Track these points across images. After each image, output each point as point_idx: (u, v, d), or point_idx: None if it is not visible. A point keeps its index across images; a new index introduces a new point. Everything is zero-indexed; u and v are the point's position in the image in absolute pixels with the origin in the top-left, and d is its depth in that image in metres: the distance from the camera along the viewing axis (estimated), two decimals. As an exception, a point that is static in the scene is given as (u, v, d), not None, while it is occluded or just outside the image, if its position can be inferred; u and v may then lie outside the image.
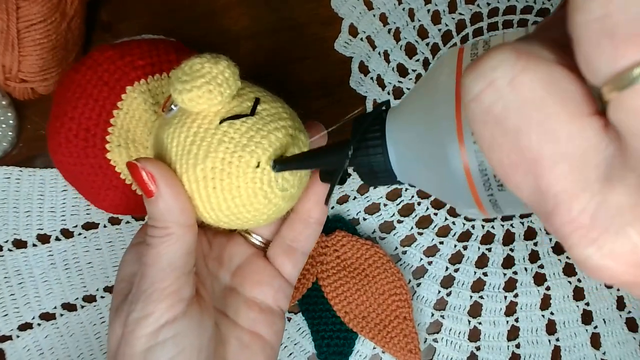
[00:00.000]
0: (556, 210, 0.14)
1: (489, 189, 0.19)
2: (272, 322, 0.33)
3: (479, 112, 0.14)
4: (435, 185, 0.22)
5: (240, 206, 0.28)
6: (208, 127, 0.27)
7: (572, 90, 0.14)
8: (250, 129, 0.27)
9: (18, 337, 0.41)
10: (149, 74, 0.35)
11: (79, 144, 0.35)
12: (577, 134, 0.13)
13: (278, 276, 0.33)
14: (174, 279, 0.28)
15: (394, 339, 0.40)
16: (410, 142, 0.22)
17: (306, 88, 0.43)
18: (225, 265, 0.34)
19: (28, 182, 0.42)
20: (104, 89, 0.34)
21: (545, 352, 0.40)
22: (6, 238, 0.42)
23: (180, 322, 0.28)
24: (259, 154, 0.27)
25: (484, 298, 0.41)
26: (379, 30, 0.43)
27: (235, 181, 0.27)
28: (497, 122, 0.14)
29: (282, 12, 0.44)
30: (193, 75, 0.27)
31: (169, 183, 0.27)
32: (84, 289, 0.42)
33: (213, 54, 0.28)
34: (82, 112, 0.34)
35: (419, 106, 0.22)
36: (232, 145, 0.27)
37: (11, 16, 0.38)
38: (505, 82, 0.14)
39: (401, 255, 0.42)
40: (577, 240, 0.14)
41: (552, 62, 0.14)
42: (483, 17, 0.43)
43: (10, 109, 0.42)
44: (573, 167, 0.14)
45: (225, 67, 0.27)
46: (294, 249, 0.33)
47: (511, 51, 0.14)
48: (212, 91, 0.27)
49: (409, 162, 0.22)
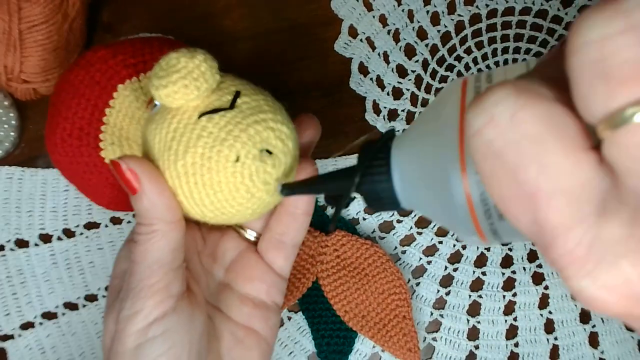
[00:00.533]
0: (553, 242, 0.14)
1: (489, 218, 0.20)
2: (267, 317, 0.33)
3: (480, 146, 0.15)
4: (438, 213, 0.22)
5: (223, 201, 0.28)
6: (187, 122, 0.27)
7: (569, 127, 0.14)
8: (229, 123, 0.27)
9: (20, 336, 0.42)
10: (140, 72, 0.35)
11: (74, 143, 0.35)
12: (573, 169, 0.14)
13: (270, 271, 0.33)
14: (162, 275, 0.28)
15: (394, 337, 0.40)
16: (414, 170, 0.22)
17: (306, 88, 0.43)
18: (219, 261, 0.34)
19: (30, 182, 0.43)
20: (96, 88, 0.35)
21: (543, 350, 0.40)
22: (8, 237, 0.42)
23: (169, 319, 0.28)
24: (238, 148, 0.27)
25: (482, 297, 0.41)
26: (379, 31, 0.44)
27: (216, 176, 0.27)
28: (497, 156, 0.15)
29: (282, 13, 0.44)
30: (169, 71, 0.27)
31: (152, 180, 0.27)
32: (85, 288, 0.42)
33: (190, 49, 0.28)
34: (75, 112, 0.35)
35: (423, 135, 0.22)
36: (211, 139, 0.27)
37: (13, 17, 0.38)
38: (506, 118, 0.14)
39: (400, 255, 0.42)
40: (573, 272, 0.14)
41: (550, 100, 0.14)
42: (482, 18, 0.43)
43: (13, 109, 0.42)
44: (569, 201, 0.14)
45: (202, 60, 0.27)
46: (284, 242, 0.33)
47: (512, 88, 0.14)
48: (187, 86, 0.27)
49: (413, 190, 0.23)
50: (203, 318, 0.30)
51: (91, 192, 0.37)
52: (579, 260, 0.14)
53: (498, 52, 0.43)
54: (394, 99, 0.43)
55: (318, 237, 0.41)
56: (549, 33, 0.42)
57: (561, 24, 0.42)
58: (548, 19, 0.42)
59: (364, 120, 0.43)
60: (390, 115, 0.43)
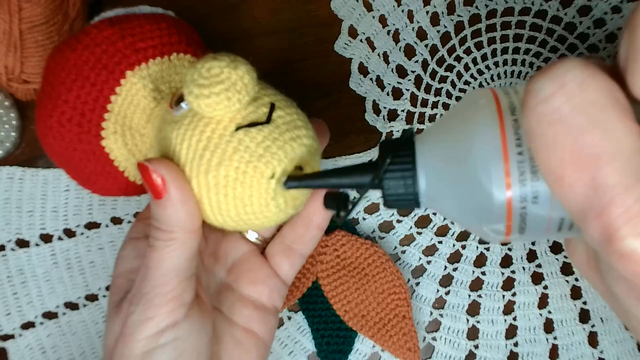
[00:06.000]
0: (612, 202, 0.16)
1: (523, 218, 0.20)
2: (266, 320, 0.33)
3: (548, 112, 0.16)
4: (463, 211, 0.23)
5: (250, 214, 0.27)
6: (223, 134, 0.27)
7: (623, 100, 0.16)
8: (266, 138, 0.27)
9: (21, 335, 0.42)
10: (149, 57, 0.33)
11: (73, 129, 0.33)
12: (630, 135, 0.16)
13: (274, 275, 0.34)
14: (176, 284, 0.28)
15: (393, 337, 0.40)
16: (442, 170, 0.22)
17: (306, 89, 0.43)
18: (221, 261, 0.34)
19: (31, 182, 0.43)
20: (103, 73, 0.32)
21: (543, 350, 0.41)
22: (9, 237, 0.43)
23: (181, 326, 0.28)
24: (274, 165, 0.26)
25: (482, 297, 0.41)
26: (379, 31, 0.44)
27: (249, 190, 0.27)
28: (563, 121, 0.16)
29: (281, 13, 0.44)
30: (211, 81, 0.26)
31: (179, 187, 0.26)
32: (86, 288, 0.42)
33: (231, 56, 0.27)
34: (77, 96, 0.32)
35: (451, 137, 0.22)
36: (248, 154, 0.26)
37: (14, 17, 0.38)
38: (576, 85, 0.16)
39: (400, 255, 0.42)
40: (629, 231, 0.15)
41: (607, 74, 0.16)
42: (481, 18, 0.43)
43: (13, 109, 0.42)
44: (628, 163, 0.16)
45: (245, 72, 0.26)
46: (294, 250, 0.34)
47: (579, 60, 0.16)
48: (230, 98, 0.26)
49: (438, 189, 0.23)
50: (211, 324, 0.30)
51: (83, 178, 0.36)
52: (636, 217, 0.15)
53: (497, 52, 0.43)
54: (393, 99, 0.43)
55: (318, 237, 0.41)
56: (548, 33, 0.42)
57: (560, 24, 0.42)
58: (547, 20, 0.43)
59: (364, 120, 0.43)
60: (390, 116, 0.43)
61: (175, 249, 0.27)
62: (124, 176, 0.35)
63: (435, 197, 0.23)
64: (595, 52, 0.42)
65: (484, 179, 0.20)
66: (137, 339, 0.27)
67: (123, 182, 0.35)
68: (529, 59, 0.42)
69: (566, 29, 0.42)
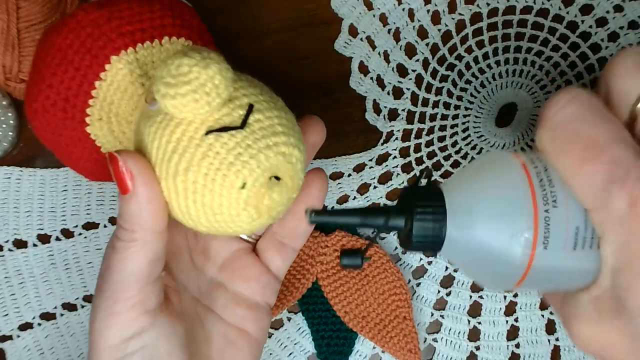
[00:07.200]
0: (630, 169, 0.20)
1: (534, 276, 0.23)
2: (259, 318, 0.32)
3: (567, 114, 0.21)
4: (480, 265, 0.24)
5: (221, 222, 0.26)
6: (192, 136, 0.25)
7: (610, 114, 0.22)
8: (238, 145, 0.25)
9: (18, 336, 0.42)
10: (137, 42, 0.31)
11: (57, 115, 0.31)
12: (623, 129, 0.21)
13: (266, 272, 0.33)
14: (137, 290, 0.26)
15: (394, 338, 0.40)
16: (470, 226, 0.23)
17: (306, 88, 0.43)
18: (212, 259, 0.33)
19: (28, 182, 0.43)
20: (86, 57, 0.30)
21: (544, 351, 0.40)
22: (7, 238, 0.42)
23: (148, 334, 0.27)
24: (245, 175, 0.25)
25: (483, 298, 0.41)
26: (379, 30, 0.43)
27: (218, 199, 0.25)
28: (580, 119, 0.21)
29: (281, 12, 0.44)
30: (178, 80, 0.24)
31: (146, 184, 0.26)
32: (84, 289, 0.42)
33: (204, 53, 0.25)
34: (61, 81, 0.31)
35: (479, 196, 0.23)
36: (217, 161, 0.25)
37: (11, 16, 0.38)
38: (585, 96, 0.21)
39: (401, 255, 0.42)
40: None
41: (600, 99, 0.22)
42: (483, 17, 0.43)
43: (11, 109, 0.42)
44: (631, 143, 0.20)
45: (216, 72, 0.24)
46: (285, 245, 0.33)
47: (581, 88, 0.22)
48: (198, 100, 0.24)
49: (459, 242, 0.24)
50: (182, 327, 0.29)
51: (72, 164, 0.35)
52: None
53: (499, 51, 0.42)
54: (394, 98, 0.43)
55: (318, 237, 0.41)
56: (550, 32, 0.42)
57: (562, 22, 0.42)
58: (549, 18, 0.42)
59: (364, 120, 0.43)
60: (390, 115, 0.43)
61: (136, 251, 0.26)
62: None
63: (455, 249, 0.24)
64: (597, 51, 0.42)
65: (507, 240, 0.22)
66: (102, 348, 0.26)
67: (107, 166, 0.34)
68: (531, 57, 0.42)
69: (568, 27, 0.42)
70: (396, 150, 0.42)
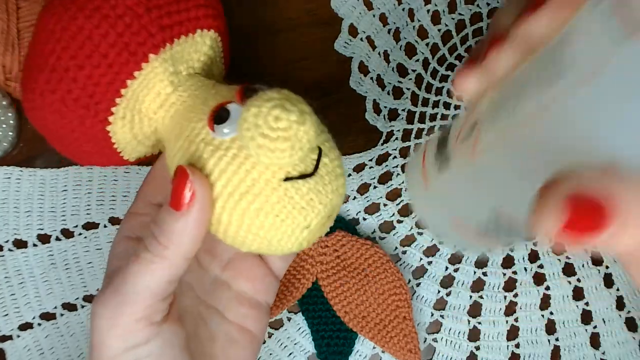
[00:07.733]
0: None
1: None
2: (261, 317, 0.33)
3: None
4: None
5: (270, 249, 0.27)
6: (269, 180, 0.25)
7: None
8: (310, 191, 0.26)
9: (18, 336, 0.42)
10: (174, 37, 0.28)
11: (78, 111, 0.28)
12: None
13: (270, 273, 0.34)
14: (147, 305, 0.26)
15: (394, 338, 0.40)
16: None
17: (306, 88, 0.43)
18: (218, 258, 0.34)
19: (28, 182, 0.43)
20: (124, 54, 0.27)
21: (544, 351, 0.40)
22: (7, 238, 0.42)
23: (152, 343, 0.27)
24: (312, 217, 0.26)
25: (483, 298, 0.41)
26: (379, 30, 0.43)
27: (280, 236, 0.26)
28: None
29: (281, 12, 0.44)
30: (278, 135, 0.24)
31: (203, 210, 0.25)
32: (84, 289, 0.42)
33: (299, 106, 0.25)
34: (89, 76, 0.27)
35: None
36: (290, 206, 0.26)
37: (11, 16, 0.38)
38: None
39: (401, 255, 0.42)
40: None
41: None
42: (483, 17, 0.43)
43: (11, 109, 0.42)
44: None
45: (311, 127, 0.24)
46: None
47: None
48: (292, 156, 0.24)
49: None
50: (185, 331, 0.29)
51: (74, 155, 0.33)
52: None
53: (499, 51, 0.42)
54: (394, 98, 0.43)
55: (318, 237, 0.41)
56: (550, 32, 0.42)
57: (562, 23, 0.42)
58: (549, 18, 0.42)
59: (365, 120, 0.43)
60: (390, 115, 0.43)
61: (161, 268, 0.25)
62: (119, 155, 0.32)
63: None
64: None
65: None
66: (106, 355, 0.26)
67: (114, 159, 0.32)
68: (531, 58, 0.42)
69: (568, 27, 0.42)
70: (396, 150, 0.42)
